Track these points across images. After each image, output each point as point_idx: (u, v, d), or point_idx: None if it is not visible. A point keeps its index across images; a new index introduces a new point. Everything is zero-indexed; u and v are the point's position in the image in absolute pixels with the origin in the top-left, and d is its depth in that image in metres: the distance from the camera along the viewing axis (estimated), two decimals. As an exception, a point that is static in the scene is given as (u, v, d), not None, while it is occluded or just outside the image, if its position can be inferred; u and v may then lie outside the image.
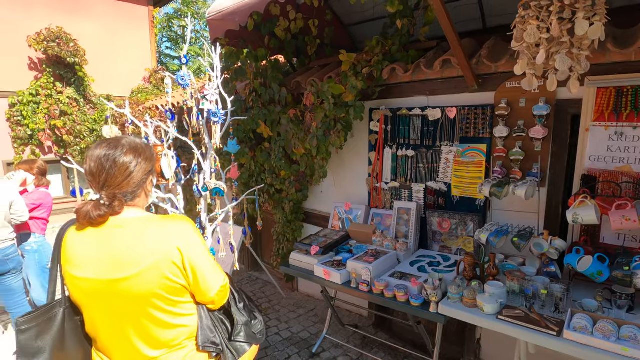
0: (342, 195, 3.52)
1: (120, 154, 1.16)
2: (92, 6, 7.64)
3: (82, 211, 1.13)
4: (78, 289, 1.19)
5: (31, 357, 1.19)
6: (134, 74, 8.32)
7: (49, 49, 6.63)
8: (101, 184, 1.15)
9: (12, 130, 6.92)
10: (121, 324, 1.19)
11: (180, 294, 1.23)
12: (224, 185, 1.92)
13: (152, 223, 1.19)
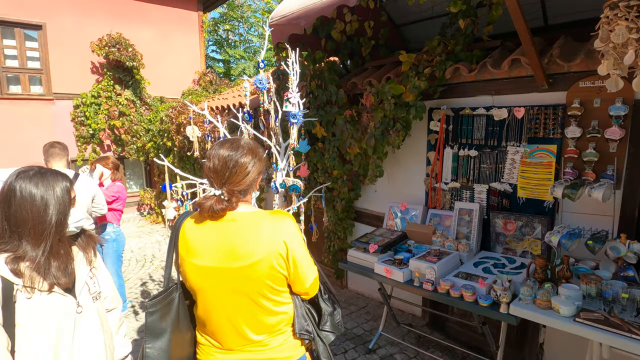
0: (396, 195, 3.54)
1: (241, 155, 1.28)
2: (147, 13, 8.09)
3: (205, 205, 1.25)
4: (196, 276, 1.30)
5: (157, 337, 1.33)
6: (184, 77, 8.72)
7: (110, 54, 7.10)
8: (223, 181, 1.27)
9: (75, 130, 7.46)
10: (232, 309, 1.30)
11: (282, 284, 1.34)
12: (300, 182, 2.02)
13: (263, 218, 1.30)
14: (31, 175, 1.19)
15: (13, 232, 1.16)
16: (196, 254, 1.29)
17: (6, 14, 6.62)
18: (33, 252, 1.16)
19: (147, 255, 5.73)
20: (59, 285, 1.21)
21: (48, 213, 1.19)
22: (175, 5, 8.47)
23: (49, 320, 1.19)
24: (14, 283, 1.14)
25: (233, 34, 13.10)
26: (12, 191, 1.16)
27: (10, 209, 1.16)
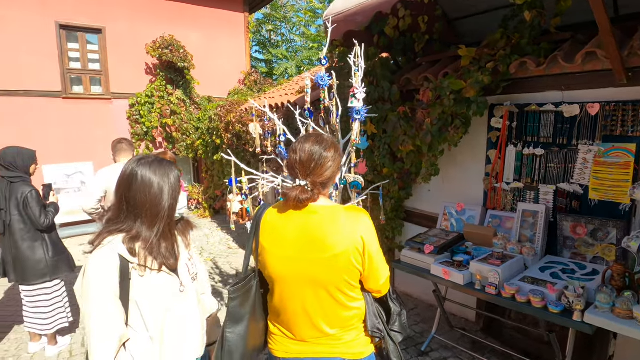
0: (451, 194, 3.44)
1: (325, 148, 1.32)
2: (197, 15, 8.39)
3: (291, 195, 1.28)
4: (277, 265, 1.33)
5: (236, 323, 1.37)
6: (230, 77, 8.96)
7: (163, 55, 7.43)
8: (308, 173, 1.30)
9: (131, 127, 7.88)
10: (308, 300, 1.32)
11: (357, 279, 1.35)
12: (361, 179, 2.00)
13: (342, 212, 1.31)
14: (150, 162, 1.29)
15: (130, 212, 1.26)
16: (277, 243, 1.33)
17: (70, 19, 7.11)
18: (147, 233, 1.25)
19: (196, 247, 5.95)
20: (167, 265, 1.29)
21: (163, 198, 1.28)
22: (223, 7, 8.72)
23: (158, 298, 1.27)
24: (130, 262, 1.22)
25: (275, 34, 13.32)
26: (133, 176, 1.25)
27: (130, 192, 1.25)
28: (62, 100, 7.18)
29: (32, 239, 3.06)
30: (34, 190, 3.06)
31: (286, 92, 6.16)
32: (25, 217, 3.01)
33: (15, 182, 3.07)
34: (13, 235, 3.02)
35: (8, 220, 3.00)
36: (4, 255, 3.13)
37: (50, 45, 6.98)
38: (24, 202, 2.99)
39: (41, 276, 3.12)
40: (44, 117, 7.03)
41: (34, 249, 3.08)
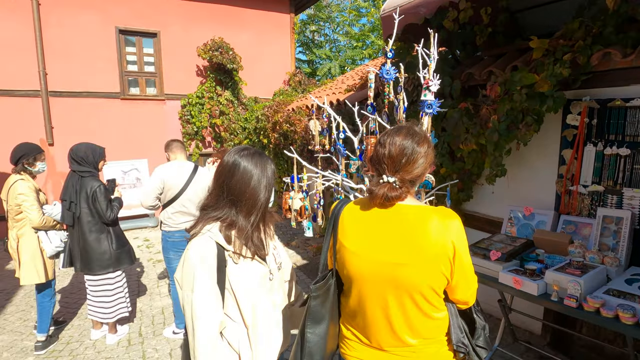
0: (517, 197, 3.20)
1: (417, 142, 1.22)
2: (244, 17, 8.56)
3: (378, 192, 1.20)
4: (354, 264, 1.26)
5: (317, 322, 1.31)
6: (276, 78, 9.06)
7: (213, 57, 7.64)
8: (397, 169, 1.21)
9: (182, 127, 8.18)
10: (389, 305, 1.22)
11: (442, 288, 1.23)
12: (432, 178, 1.88)
13: (430, 214, 1.20)
14: (252, 154, 1.33)
15: (229, 201, 1.29)
16: (358, 242, 1.25)
17: (128, 24, 7.50)
18: (244, 222, 1.29)
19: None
20: (258, 254, 1.33)
21: (261, 189, 1.31)
22: (269, 9, 8.83)
23: (252, 285, 1.31)
24: (226, 249, 1.27)
25: (318, 35, 13.36)
26: (236, 165, 1.29)
27: (232, 180, 1.29)
28: (120, 101, 7.59)
29: (98, 231, 3.21)
30: (102, 185, 3.21)
31: (333, 91, 6.11)
32: (94, 210, 3.16)
33: (85, 176, 3.23)
34: (81, 227, 3.18)
35: (78, 213, 3.15)
36: (71, 246, 3.31)
37: (110, 49, 7.40)
38: (93, 196, 3.14)
39: (105, 267, 3.26)
40: (105, 117, 7.47)
41: (100, 241, 3.23)
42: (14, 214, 3.27)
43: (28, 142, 3.44)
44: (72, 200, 3.20)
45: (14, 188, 3.20)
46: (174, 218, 3.26)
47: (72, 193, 3.17)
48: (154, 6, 7.66)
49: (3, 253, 6.26)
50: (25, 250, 3.29)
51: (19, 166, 3.29)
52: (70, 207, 3.18)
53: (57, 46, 6.97)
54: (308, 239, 6.13)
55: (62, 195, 3.23)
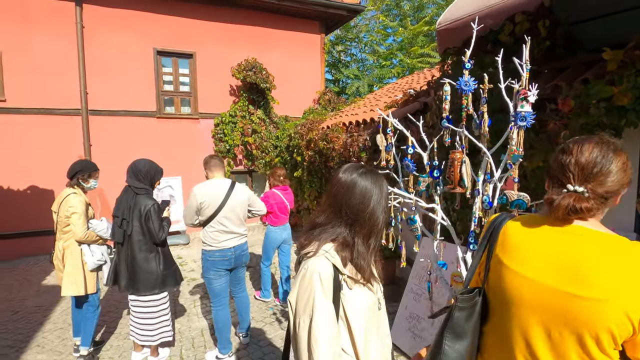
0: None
1: (612, 151, 1.03)
2: (276, 38, 8.70)
3: (561, 204, 1.03)
4: (514, 286, 1.09)
5: (458, 338, 1.15)
6: (306, 97, 9.11)
7: (247, 77, 7.74)
8: (587, 178, 1.03)
9: (215, 145, 8.25)
10: (544, 339, 1.03)
11: (622, 339, 1.00)
12: (528, 197, 1.72)
13: (624, 247, 1.00)
14: (369, 172, 1.24)
15: (346, 221, 1.20)
16: (522, 261, 1.09)
17: (166, 45, 7.71)
18: (362, 245, 1.20)
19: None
20: (371, 280, 1.24)
21: (380, 211, 1.21)
22: (301, 30, 8.97)
23: (364, 313, 1.20)
24: (341, 272, 1.17)
25: (345, 54, 13.49)
26: (354, 184, 1.20)
27: (350, 200, 1.19)
28: (156, 119, 7.74)
29: (147, 250, 3.14)
30: (156, 204, 3.16)
31: (370, 107, 6.04)
32: (145, 229, 3.10)
33: (141, 193, 3.16)
34: (131, 246, 3.12)
35: (129, 230, 3.10)
36: (117, 264, 3.24)
37: (148, 69, 7.61)
38: (147, 215, 3.08)
39: (151, 288, 3.17)
40: (141, 135, 7.61)
41: (148, 261, 3.15)
42: (63, 226, 3.28)
43: (86, 160, 3.51)
44: (124, 218, 3.16)
45: (67, 201, 3.24)
46: (214, 237, 3.24)
47: (125, 210, 3.12)
48: (190, 28, 7.87)
49: (41, 268, 6.32)
50: (69, 261, 3.31)
51: (74, 181, 3.33)
52: (122, 224, 3.13)
53: (97, 66, 7.20)
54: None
55: (115, 211, 3.19)
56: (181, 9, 7.76)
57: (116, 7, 7.25)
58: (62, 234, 3.31)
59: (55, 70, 6.91)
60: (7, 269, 6.41)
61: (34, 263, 6.69)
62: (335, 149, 4.89)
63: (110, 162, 7.29)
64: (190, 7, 7.82)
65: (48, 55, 6.84)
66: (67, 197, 3.24)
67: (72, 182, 3.33)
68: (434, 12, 12.24)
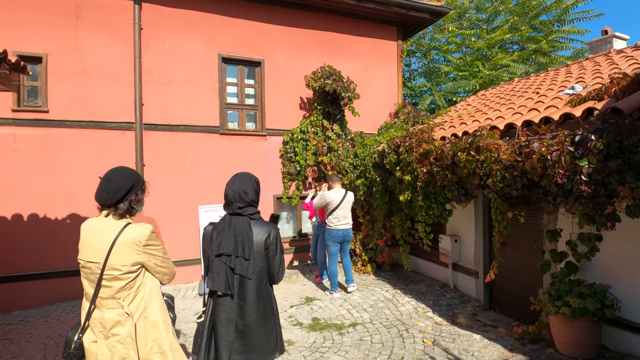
0: None
1: None
2: (350, 45, 7.62)
3: None
4: None
5: None
6: (382, 110, 7.88)
7: (325, 85, 6.56)
8: None
9: (283, 166, 6.97)
10: None
11: None
12: None
13: None
14: None
15: None
16: None
17: (232, 51, 6.66)
18: None
19: (390, 318, 4.35)
20: None
21: None
22: (376, 36, 7.87)
23: None
24: None
25: (419, 65, 12.33)
26: None
27: None
28: (219, 136, 6.56)
29: (267, 298, 2.02)
30: (278, 229, 1.91)
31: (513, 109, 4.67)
32: (265, 268, 1.78)
33: (257, 218, 2.17)
34: (244, 295, 1.92)
35: (250, 273, 1.87)
36: (215, 328, 1.86)
37: (211, 79, 6.53)
38: (271, 245, 1.90)
39: (271, 352, 1.97)
40: (201, 154, 6.41)
41: (267, 317, 2.11)
42: (126, 281, 1.90)
43: (127, 167, 2.15)
44: (245, 256, 1.86)
45: (133, 237, 1.91)
46: (334, 222, 5.39)
47: (241, 245, 1.86)
48: (258, 33, 6.84)
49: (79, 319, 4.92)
50: (150, 336, 1.92)
51: (125, 204, 1.98)
52: (236, 265, 1.85)
53: (155, 74, 6.15)
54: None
55: (223, 249, 1.92)
56: (249, 11, 6.76)
57: (178, 7, 6.28)
58: (123, 291, 1.92)
59: (107, 77, 5.86)
60: (40, 318, 5.09)
61: (70, 310, 5.35)
62: (501, 159, 3.52)
63: (165, 186, 6.07)
64: (259, 10, 6.82)
65: (100, 59, 5.82)
66: (129, 234, 1.91)
67: (121, 206, 1.97)
68: (511, 20, 11.13)
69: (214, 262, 2.03)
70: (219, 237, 2.07)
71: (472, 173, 4.04)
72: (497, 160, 3.61)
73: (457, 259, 5.42)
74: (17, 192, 5.39)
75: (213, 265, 2.02)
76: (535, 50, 11.20)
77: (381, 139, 6.78)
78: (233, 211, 2.12)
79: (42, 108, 5.53)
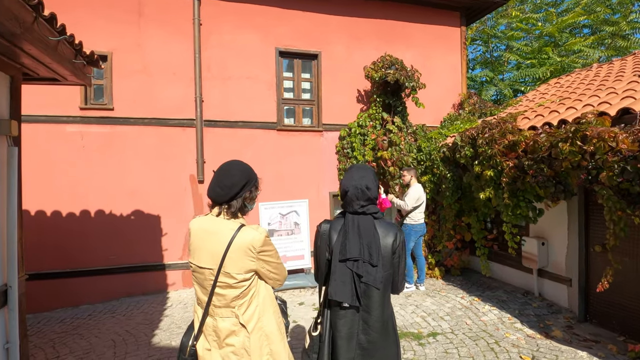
0: None
1: None
2: (409, 33, 7.15)
3: None
4: None
5: None
6: (444, 101, 7.34)
7: (387, 75, 6.15)
8: None
9: (339, 163, 6.66)
10: None
11: None
12: None
13: None
14: None
15: None
16: None
17: (289, 44, 6.44)
18: None
19: (475, 330, 3.89)
20: None
21: None
22: (438, 23, 7.35)
23: None
24: None
25: (485, 53, 11.51)
26: None
27: None
28: (276, 132, 6.36)
29: (390, 311, 1.65)
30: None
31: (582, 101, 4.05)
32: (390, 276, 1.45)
33: (379, 217, 1.87)
34: (370, 308, 1.60)
35: (378, 282, 1.61)
36: (335, 347, 1.56)
37: (269, 73, 6.34)
38: (397, 250, 1.56)
39: None
40: (259, 150, 6.25)
41: (387, 332, 1.79)
42: (240, 290, 1.65)
43: (242, 161, 1.88)
44: (372, 262, 1.54)
45: (248, 242, 1.67)
46: (418, 217, 5.32)
47: (368, 249, 1.56)
48: (315, 24, 6.58)
49: (145, 316, 4.82)
50: (269, 347, 1.69)
51: (238, 202, 1.74)
52: (368, 273, 1.53)
53: (214, 70, 6.06)
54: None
55: (349, 253, 1.62)
56: (305, 2, 6.51)
57: (235, 0, 6.15)
58: (236, 300, 1.68)
59: (169, 74, 5.84)
60: (107, 313, 5.13)
61: (134, 306, 5.36)
62: (617, 149, 2.98)
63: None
64: (315, 0, 6.56)
65: (161, 56, 5.81)
66: (244, 236, 1.67)
67: (235, 204, 1.73)
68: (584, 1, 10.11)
69: (337, 268, 1.73)
70: (341, 239, 1.77)
71: (576, 166, 3.50)
72: (613, 150, 3.06)
73: (543, 264, 4.82)
74: (84, 189, 5.49)
75: (336, 272, 1.73)
76: (613, 34, 10.07)
77: (447, 132, 6.28)
78: (354, 210, 1.82)
79: (107, 106, 5.60)
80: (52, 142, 5.38)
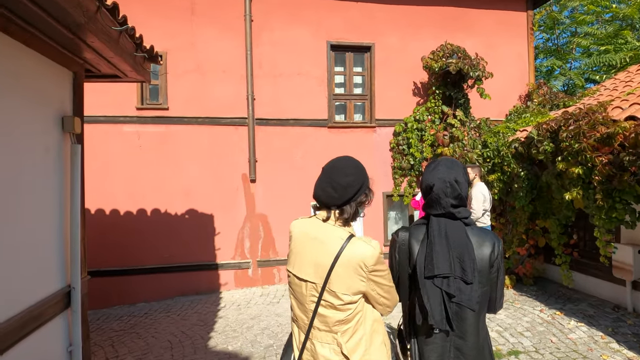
0: None
1: None
2: (471, 20, 6.60)
3: None
4: None
5: None
6: (508, 93, 6.71)
7: (449, 65, 5.69)
8: None
9: (393, 160, 6.28)
10: None
11: None
12: None
13: None
14: None
15: None
16: None
17: (341, 37, 6.16)
18: None
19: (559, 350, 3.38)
20: None
21: None
22: (501, 8, 6.74)
23: None
24: None
25: (550, 40, 10.61)
26: None
27: None
28: (327, 130, 6.11)
29: (485, 333, 1.19)
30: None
31: None
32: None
33: (470, 223, 1.56)
34: (464, 331, 1.65)
35: (473, 301, 1.20)
36: None
37: (320, 68, 6.10)
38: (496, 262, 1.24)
39: None
40: (310, 149, 6.03)
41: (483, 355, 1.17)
42: (346, 314, 1.38)
43: (354, 158, 1.56)
44: (466, 279, 1.22)
45: (359, 258, 1.38)
46: (487, 219, 4.69)
47: (459, 262, 1.29)
48: (368, 14, 6.24)
49: (199, 316, 4.70)
50: None
51: (352, 207, 1.45)
52: (461, 292, 1.22)
53: (266, 67, 5.92)
54: None
55: (436, 268, 1.36)
56: (358, -9, 6.21)
57: (287, -6, 5.98)
58: (341, 325, 1.40)
59: (221, 72, 5.78)
60: (162, 312, 5.13)
61: (188, 306, 5.32)
62: None
63: (276, 182, 5.80)
64: (368, -11, 6.24)
65: (213, 55, 5.75)
66: (355, 250, 1.37)
67: (348, 208, 1.43)
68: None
69: (422, 285, 1.41)
70: (425, 250, 1.45)
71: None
72: None
73: (639, 275, 4.18)
74: (140, 188, 5.54)
75: (422, 291, 1.41)
76: None
77: (515, 126, 5.69)
78: (443, 211, 1.47)
79: (162, 105, 5.63)
80: (110, 142, 5.49)
